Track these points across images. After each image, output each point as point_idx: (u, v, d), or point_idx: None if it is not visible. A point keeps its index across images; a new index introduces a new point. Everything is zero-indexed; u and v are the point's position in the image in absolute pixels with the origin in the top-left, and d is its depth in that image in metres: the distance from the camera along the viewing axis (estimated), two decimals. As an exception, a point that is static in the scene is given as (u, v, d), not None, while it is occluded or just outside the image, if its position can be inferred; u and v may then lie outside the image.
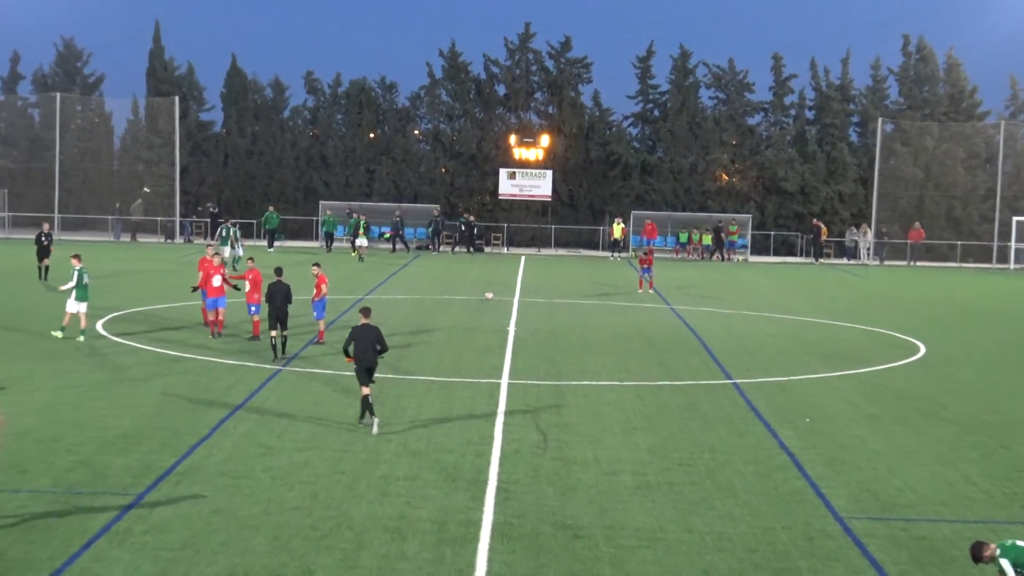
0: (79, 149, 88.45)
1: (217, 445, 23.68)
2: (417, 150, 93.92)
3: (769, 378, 33.00)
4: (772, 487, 21.66)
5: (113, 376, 30.85)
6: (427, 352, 36.18)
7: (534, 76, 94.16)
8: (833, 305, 52.54)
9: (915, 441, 25.81)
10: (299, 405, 27.83)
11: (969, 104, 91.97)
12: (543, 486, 21.22)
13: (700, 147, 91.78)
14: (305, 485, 20.87)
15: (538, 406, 28.25)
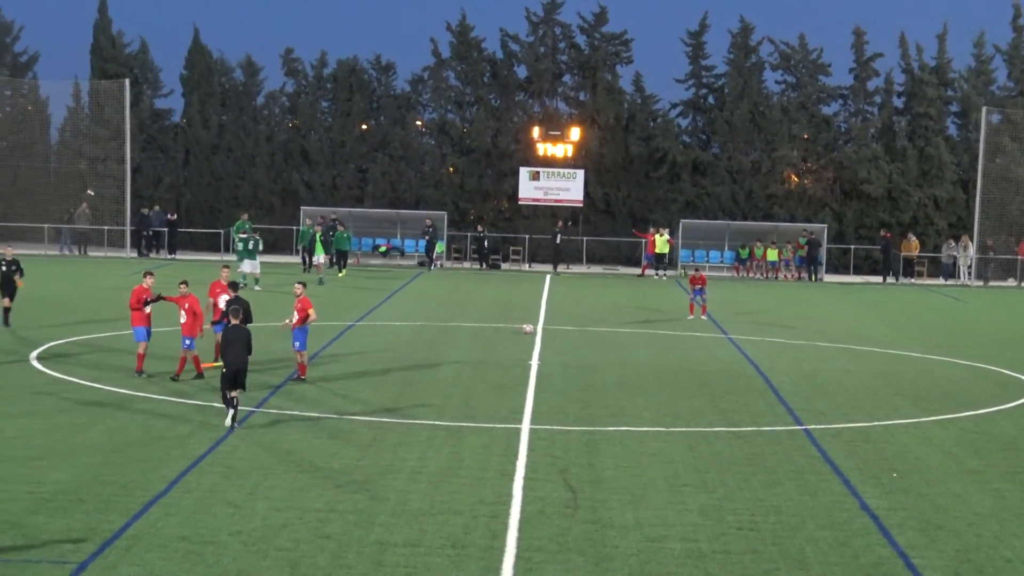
0: (7, 143, 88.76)
1: (175, 504, 23.69)
2: (419, 145, 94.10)
3: (849, 424, 32.94)
4: (852, 557, 21.54)
5: (49, 420, 30.87)
6: (432, 390, 36.12)
7: (562, 55, 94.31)
8: (927, 335, 52.49)
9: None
10: (275, 454, 27.72)
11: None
12: (572, 555, 21.14)
13: (764, 142, 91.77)
14: (282, 553, 20.87)
15: (566, 457, 28.16)
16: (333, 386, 35.86)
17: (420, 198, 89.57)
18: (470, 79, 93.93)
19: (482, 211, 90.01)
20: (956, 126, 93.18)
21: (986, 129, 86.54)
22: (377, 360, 41.02)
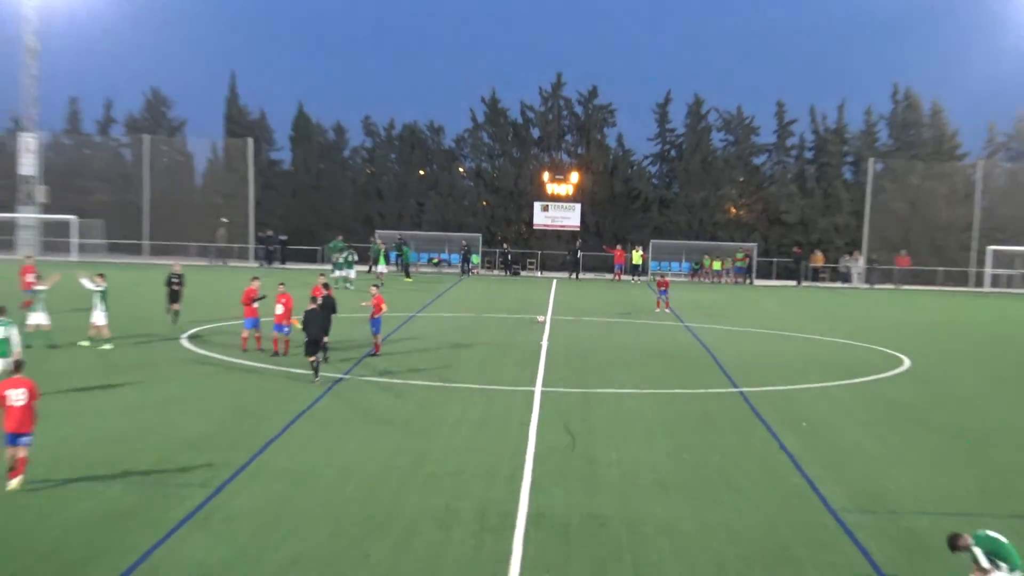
0: (165, 184, 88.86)
1: (284, 445, 23.83)
2: (461, 186, 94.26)
3: (772, 388, 32.94)
4: (775, 484, 21.70)
5: (192, 383, 31.03)
6: (469, 363, 36.18)
7: (565, 120, 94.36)
8: (829, 324, 52.38)
9: (901, 444, 25.79)
10: (357, 409, 27.94)
11: (950, 146, 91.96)
12: (571, 482, 21.28)
13: (711, 184, 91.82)
14: (362, 480, 20.96)
15: (567, 412, 28.23)
16: (398, 360, 35.86)
17: (462, 224, 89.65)
18: (498, 137, 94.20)
19: (506, 233, 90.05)
20: (851, 172, 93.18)
21: (872, 174, 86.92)
22: (430, 341, 41.01)
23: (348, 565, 16.39)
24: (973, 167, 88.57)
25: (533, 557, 16.87)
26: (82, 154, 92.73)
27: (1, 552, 16.52)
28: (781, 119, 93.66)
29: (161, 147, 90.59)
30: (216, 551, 16.73)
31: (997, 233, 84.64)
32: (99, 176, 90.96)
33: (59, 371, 31.35)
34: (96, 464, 21.43)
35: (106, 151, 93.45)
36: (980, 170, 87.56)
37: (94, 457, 21.89)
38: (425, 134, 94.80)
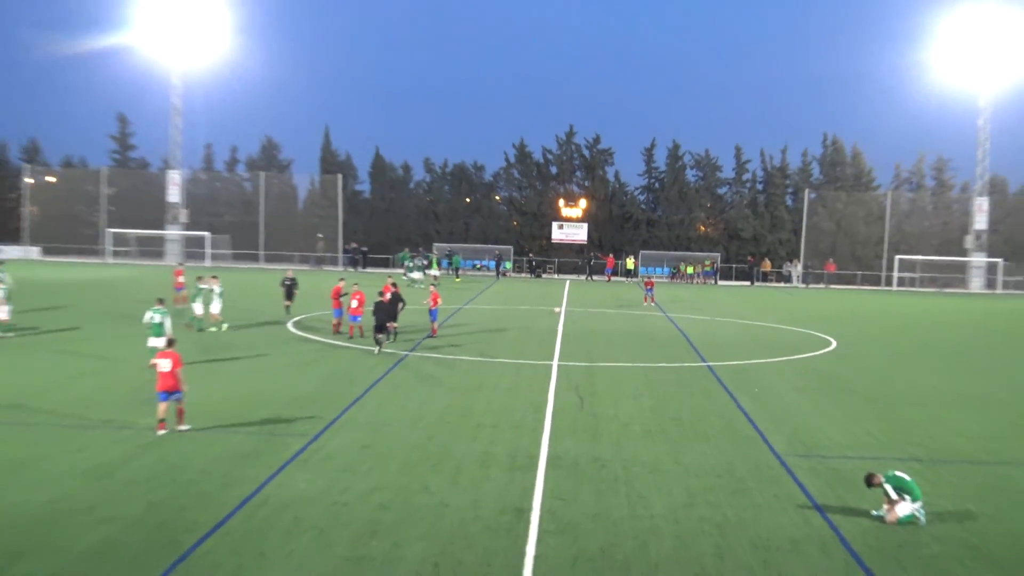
0: (275, 209, 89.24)
1: (365, 404, 23.95)
2: (497, 210, 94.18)
3: (731, 362, 32.84)
4: (732, 434, 21.70)
5: (296, 358, 31.15)
6: (503, 343, 36.16)
7: (575, 160, 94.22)
8: (774, 314, 52.22)
9: (829, 405, 25.72)
10: (419, 377, 27.96)
11: (867, 180, 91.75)
12: (580, 433, 21.34)
13: (686, 208, 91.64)
14: (423, 430, 21.08)
15: (577, 380, 28.22)
16: (450, 340, 35.94)
17: (497, 239, 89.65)
18: (524, 173, 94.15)
19: (531, 246, 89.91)
20: (791, 199, 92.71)
21: (807, 201, 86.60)
22: (473, 327, 41.07)
23: (413, 493, 16.53)
24: (884, 196, 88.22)
25: (551, 489, 16.98)
26: (214, 186, 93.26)
27: (156, 482, 16.73)
28: (739, 159, 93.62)
29: (273, 181, 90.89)
30: (315, 483, 16.91)
31: (902, 245, 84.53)
32: (226, 203, 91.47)
33: (202, 347, 31.67)
34: (226, 416, 21.68)
35: (232, 184, 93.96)
36: (889, 198, 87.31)
37: (225, 411, 22.13)
38: (470, 171, 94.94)
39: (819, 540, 14.83)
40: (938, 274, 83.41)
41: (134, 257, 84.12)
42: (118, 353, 30.63)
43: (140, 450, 18.77)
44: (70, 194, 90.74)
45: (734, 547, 14.44)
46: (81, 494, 15.96)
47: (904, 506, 15.56)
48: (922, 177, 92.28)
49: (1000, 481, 18.56)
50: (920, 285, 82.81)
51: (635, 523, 15.35)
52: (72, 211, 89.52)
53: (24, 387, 24.65)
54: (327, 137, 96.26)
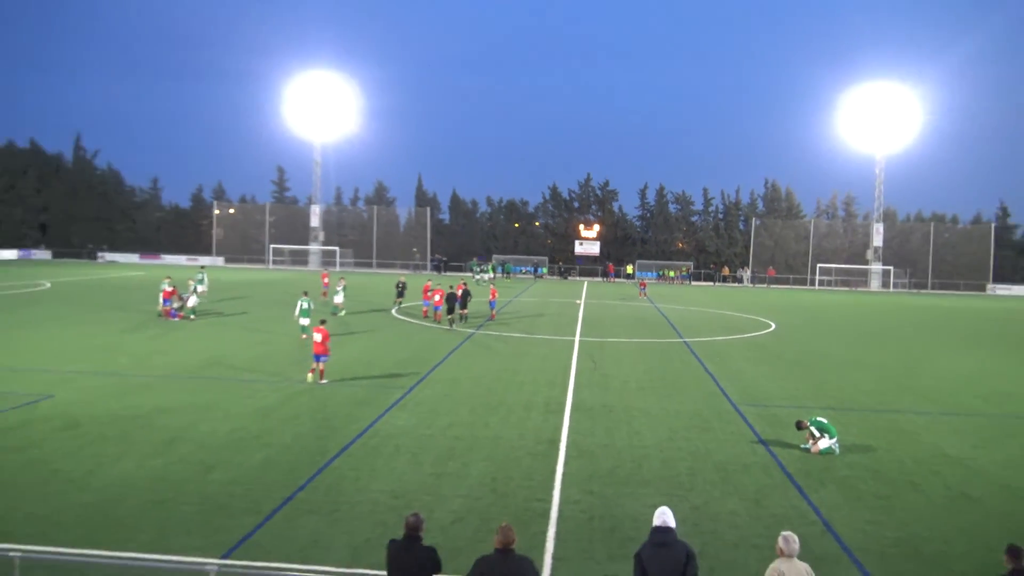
0: (383, 231, 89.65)
1: (444, 366, 23.99)
2: (538, 233, 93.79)
3: (701, 338, 32.59)
4: (701, 389, 21.47)
5: (396, 334, 31.31)
6: (540, 324, 36.01)
7: (591, 197, 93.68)
8: (730, 304, 51.76)
9: (769, 369, 25.43)
10: (481, 348, 27.94)
11: (796, 210, 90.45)
12: (594, 387, 21.23)
13: (668, 231, 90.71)
14: (484, 385, 21.07)
15: (592, 350, 28.10)
16: (504, 323, 35.95)
17: (536, 252, 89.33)
18: (556, 207, 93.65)
19: (560, 257, 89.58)
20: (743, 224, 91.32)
21: (754, 226, 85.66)
22: (520, 313, 41.07)
23: (477, 428, 16.54)
24: (809, 222, 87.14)
25: (574, 427, 16.92)
26: (342, 215, 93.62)
27: (301, 419, 16.87)
28: (706, 196, 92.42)
29: (382, 212, 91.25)
30: (409, 420, 16.96)
31: (821, 257, 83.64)
32: (350, 227, 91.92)
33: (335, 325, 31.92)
34: (350, 373, 21.80)
35: (354, 214, 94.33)
36: (812, 224, 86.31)
37: (349, 370, 22.24)
38: (518, 204, 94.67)
39: (763, 465, 14.65)
40: (847, 277, 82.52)
41: (287, 265, 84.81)
42: (277, 329, 30.97)
43: (290, 397, 18.94)
44: (245, 221, 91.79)
45: (703, 468, 14.31)
46: (250, 427, 16.14)
47: (824, 441, 15.37)
48: (835, 208, 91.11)
49: (889, 423, 18.26)
50: (835, 285, 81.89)
51: (633, 451, 15.25)
52: (246, 232, 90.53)
53: (215, 353, 25.01)
54: (420, 180, 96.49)
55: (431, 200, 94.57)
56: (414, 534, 7.45)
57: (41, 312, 34.67)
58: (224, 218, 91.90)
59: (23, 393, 18.40)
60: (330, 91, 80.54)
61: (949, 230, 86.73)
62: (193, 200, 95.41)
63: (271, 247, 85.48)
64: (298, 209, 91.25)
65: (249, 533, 10.71)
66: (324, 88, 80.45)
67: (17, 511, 11.21)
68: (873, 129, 77.41)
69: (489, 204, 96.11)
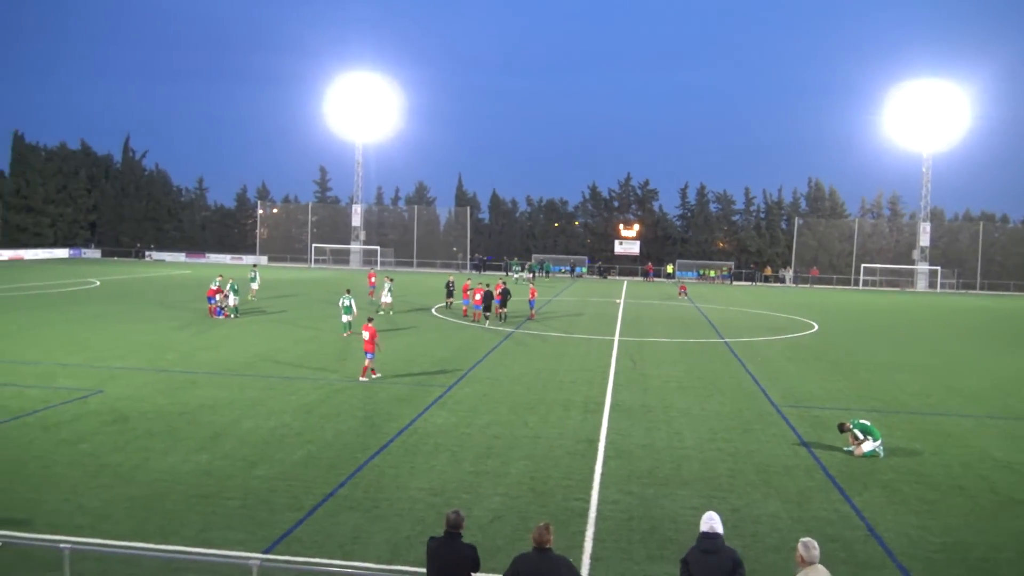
0: (424, 231, 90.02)
1: (484, 364, 24.03)
2: (577, 232, 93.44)
3: (741, 339, 32.24)
4: (742, 389, 21.25)
5: (438, 333, 31.41)
6: (580, 323, 35.91)
7: (631, 196, 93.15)
8: (772, 303, 51.11)
9: (810, 370, 25.06)
10: (521, 346, 27.92)
11: (840, 210, 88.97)
12: (634, 386, 21.11)
13: (709, 231, 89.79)
14: (523, 384, 21.07)
15: (631, 349, 27.96)
16: (543, 322, 35.91)
17: (576, 251, 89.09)
18: (595, 206, 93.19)
19: (600, 256, 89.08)
20: (785, 224, 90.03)
21: (796, 225, 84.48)
22: (559, 312, 41.01)
23: (516, 427, 16.55)
24: (853, 221, 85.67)
25: (613, 427, 16.85)
26: (383, 215, 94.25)
27: (342, 416, 17.02)
28: (747, 196, 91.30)
29: (422, 211, 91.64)
30: (448, 419, 17.03)
31: (866, 257, 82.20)
32: (391, 226, 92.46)
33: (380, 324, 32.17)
34: (391, 371, 21.94)
35: (395, 214, 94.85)
36: (857, 224, 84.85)
37: (389, 368, 22.37)
38: (557, 204, 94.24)
39: (805, 467, 14.45)
40: (893, 277, 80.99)
41: (329, 264, 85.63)
42: (321, 327, 31.32)
43: (331, 394, 19.13)
44: (287, 220, 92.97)
45: (743, 470, 14.16)
46: (293, 423, 16.33)
47: (868, 444, 15.11)
48: (880, 207, 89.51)
49: (935, 426, 17.89)
50: (880, 285, 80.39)
51: (672, 452, 15.14)
52: (289, 232, 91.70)
53: (259, 350, 25.37)
54: (460, 180, 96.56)
55: (471, 200, 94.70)
56: (454, 531, 7.47)
57: (91, 310, 35.48)
58: (267, 218, 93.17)
59: (74, 388, 18.87)
60: (372, 92, 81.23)
61: (999, 230, 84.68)
62: (237, 200, 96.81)
63: (313, 246, 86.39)
64: (340, 209, 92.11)
65: (291, 528, 10.84)
66: (366, 89, 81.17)
67: (69, 503, 11.49)
68: (920, 127, 75.88)
69: (529, 204, 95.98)
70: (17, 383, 19.29)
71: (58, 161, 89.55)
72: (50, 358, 22.79)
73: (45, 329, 28.73)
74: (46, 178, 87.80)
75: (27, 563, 9.46)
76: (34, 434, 14.96)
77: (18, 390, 18.52)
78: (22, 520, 10.79)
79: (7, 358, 22.57)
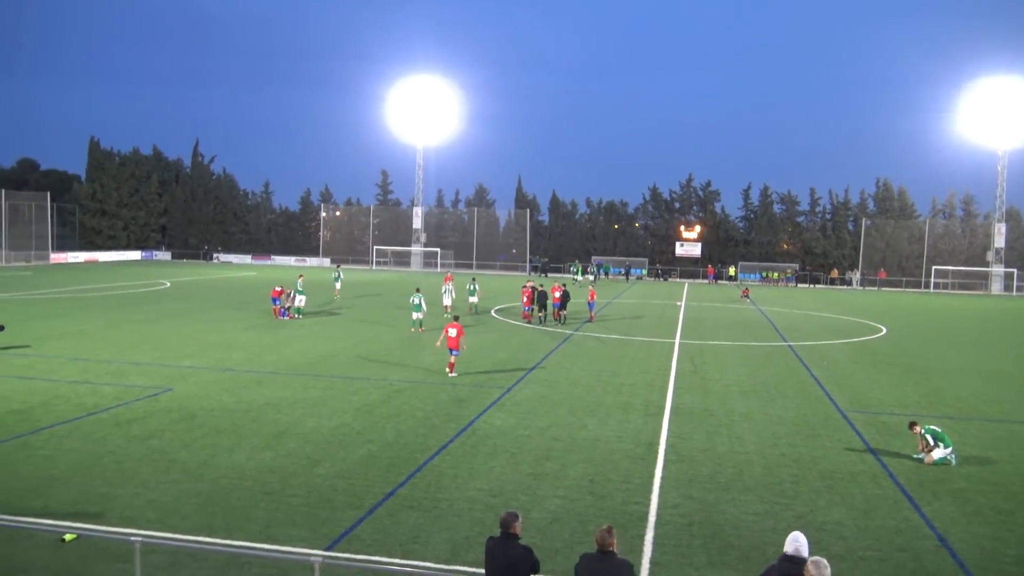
0: (483, 232, 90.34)
1: (545, 366, 24.02)
2: (637, 234, 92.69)
3: (805, 342, 31.58)
4: (806, 394, 20.82)
5: (497, 335, 31.45)
6: (641, 326, 35.65)
7: (693, 198, 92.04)
8: (838, 308, 49.92)
9: (878, 374, 24.42)
10: (581, 349, 27.84)
11: (910, 210, 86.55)
12: (694, 390, 20.87)
13: (772, 232, 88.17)
14: (583, 386, 21.00)
15: (692, 352, 27.64)
16: (602, 324, 35.73)
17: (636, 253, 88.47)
18: (656, 208, 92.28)
19: (660, 259, 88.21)
20: (852, 225, 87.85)
21: (864, 227, 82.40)
22: (619, 315, 40.73)
23: (575, 430, 16.50)
24: (924, 222, 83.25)
25: (673, 431, 16.67)
26: (443, 217, 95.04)
27: (402, 417, 17.19)
28: (813, 196, 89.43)
29: (482, 214, 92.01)
30: (507, 420, 17.06)
31: (937, 259, 79.77)
32: (451, 228, 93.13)
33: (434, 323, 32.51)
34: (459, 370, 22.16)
35: (455, 216, 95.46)
36: (928, 224, 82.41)
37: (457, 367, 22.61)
38: (617, 206, 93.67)
39: (872, 474, 14.08)
40: (966, 280, 78.41)
41: (390, 265, 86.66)
42: (381, 329, 31.71)
43: (392, 395, 19.34)
44: (350, 223, 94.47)
45: (807, 476, 13.86)
46: (354, 423, 16.56)
47: (938, 451, 14.66)
48: (953, 208, 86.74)
49: (1011, 434, 17.26)
50: (951, 288, 77.92)
51: (734, 456, 14.92)
52: (351, 234, 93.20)
53: (322, 351, 25.81)
54: (520, 183, 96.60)
55: (531, 202, 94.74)
56: (508, 531, 7.48)
57: (161, 310, 36.57)
58: (330, 220, 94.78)
59: (146, 386, 19.47)
60: (433, 95, 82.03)
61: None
62: (302, 203, 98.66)
63: (374, 248, 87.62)
64: (401, 211, 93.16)
65: (352, 526, 10.99)
66: (427, 92, 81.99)
67: (140, 497, 11.86)
68: (995, 123, 73.32)
69: (588, 205, 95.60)
70: (92, 380, 20.00)
71: (131, 166, 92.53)
72: (123, 357, 23.56)
73: (118, 329, 29.72)
74: (120, 182, 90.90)
75: (101, 554, 9.80)
76: (108, 430, 15.48)
77: (93, 387, 19.20)
78: (96, 513, 11.18)
79: (83, 356, 23.41)
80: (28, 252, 74.90)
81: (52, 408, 17.05)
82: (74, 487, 12.23)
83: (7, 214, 74.76)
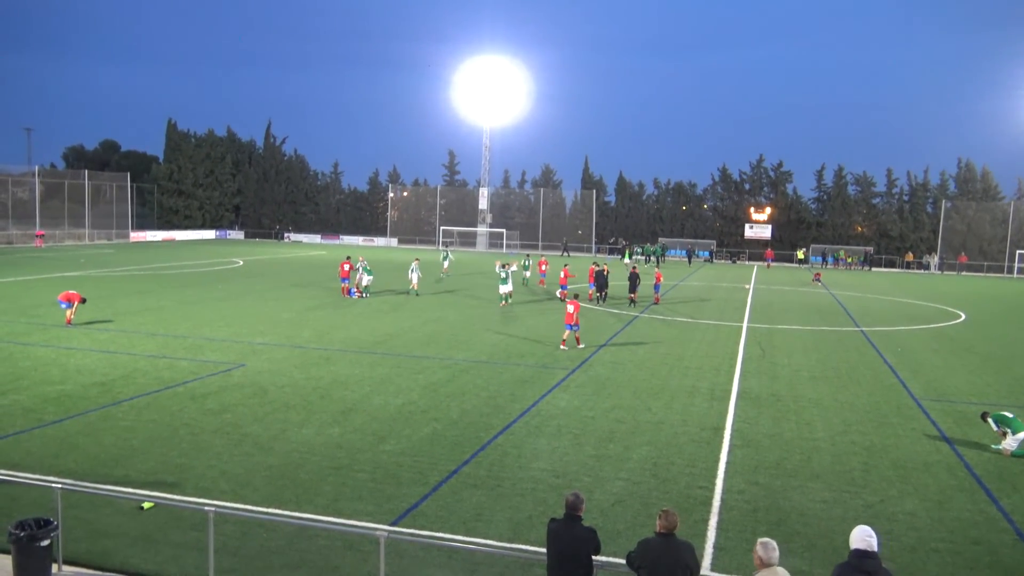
0: (549, 213, 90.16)
1: (609, 347, 23.91)
2: (706, 216, 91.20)
3: (878, 328, 30.70)
4: (879, 381, 20.27)
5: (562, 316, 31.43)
6: (707, 310, 35.14)
7: (763, 179, 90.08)
8: (914, 293, 48.35)
9: (957, 362, 23.63)
10: (647, 331, 27.63)
11: (994, 192, 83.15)
12: (762, 375, 20.52)
13: (846, 214, 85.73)
14: (647, 369, 20.86)
15: (760, 337, 27.15)
16: (668, 307, 35.36)
17: (704, 235, 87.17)
18: (726, 189, 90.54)
19: (729, 242, 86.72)
20: (931, 207, 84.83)
21: (944, 209, 79.54)
22: (685, 297, 40.27)
23: (639, 412, 16.42)
24: (1008, 204, 79.96)
25: (740, 416, 16.44)
26: (509, 198, 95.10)
27: (467, 396, 17.34)
28: (890, 177, 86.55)
29: (548, 195, 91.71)
30: (571, 402, 17.07)
31: (1021, 243, 76.60)
32: (517, 209, 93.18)
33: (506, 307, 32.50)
34: (515, 354, 22.18)
35: (521, 197, 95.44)
36: (1012, 207, 79.11)
37: (514, 350, 22.63)
38: (686, 187, 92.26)
39: (947, 464, 13.67)
40: (1053, 265, 75.26)
41: (456, 246, 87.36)
42: (446, 309, 31.99)
43: (456, 374, 19.53)
44: (417, 203, 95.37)
45: (878, 465, 13.53)
46: (419, 401, 16.79)
47: (1009, 440, 14.18)
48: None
49: (1101, 427, 16.52)
50: (1037, 274, 74.87)
51: (802, 443, 14.65)
52: (418, 215, 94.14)
53: (390, 330, 26.18)
54: (586, 163, 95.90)
55: (597, 183, 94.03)
56: (574, 513, 7.51)
57: (234, 288, 37.57)
58: (398, 200, 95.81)
59: (220, 361, 20.07)
60: (499, 76, 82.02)
61: None
62: (370, 183, 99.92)
63: (441, 228, 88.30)
64: (467, 192, 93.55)
65: (417, 503, 11.17)
66: (494, 73, 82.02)
67: (214, 469, 12.27)
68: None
69: (656, 186, 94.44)
70: (169, 355, 20.72)
71: (206, 147, 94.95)
72: (198, 332, 24.32)
73: (194, 305, 30.66)
74: (196, 163, 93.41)
75: (177, 522, 10.20)
76: (184, 403, 16.03)
77: (170, 362, 19.89)
78: (173, 483, 11.61)
79: (161, 331, 24.24)
80: (110, 231, 77.82)
81: (132, 381, 17.72)
82: (152, 457, 12.73)
83: (90, 194, 77.64)
